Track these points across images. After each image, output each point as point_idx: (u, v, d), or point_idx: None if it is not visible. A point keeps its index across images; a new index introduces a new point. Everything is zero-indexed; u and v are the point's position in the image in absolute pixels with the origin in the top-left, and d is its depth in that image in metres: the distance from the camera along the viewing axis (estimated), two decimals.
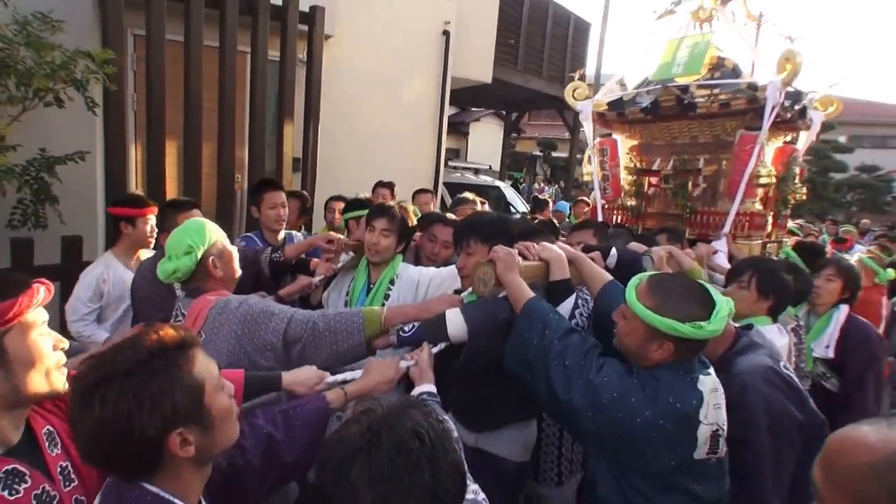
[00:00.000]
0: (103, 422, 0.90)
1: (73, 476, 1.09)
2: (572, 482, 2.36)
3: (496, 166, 14.90)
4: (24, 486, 1.00)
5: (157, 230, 2.76)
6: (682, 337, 1.43)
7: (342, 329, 1.72)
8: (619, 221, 4.61)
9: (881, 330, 3.63)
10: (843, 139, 23.09)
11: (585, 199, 7.28)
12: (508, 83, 9.80)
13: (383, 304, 2.30)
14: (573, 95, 4.88)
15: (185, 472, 1.00)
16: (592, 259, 2.11)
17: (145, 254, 2.81)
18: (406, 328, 1.79)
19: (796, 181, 4.37)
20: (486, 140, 18.11)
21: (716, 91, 4.07)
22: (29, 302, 1.03)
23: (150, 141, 4.12)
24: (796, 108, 4.07)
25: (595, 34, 12.45)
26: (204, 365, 1.03)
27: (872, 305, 3.66)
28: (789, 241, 4.98)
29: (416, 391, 1.58)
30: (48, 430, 1.09)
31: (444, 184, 7.97)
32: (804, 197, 4.54)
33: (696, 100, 4.09)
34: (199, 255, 1.77)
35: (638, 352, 1.53)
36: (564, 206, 5.50)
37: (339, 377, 1.61)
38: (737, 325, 2.06)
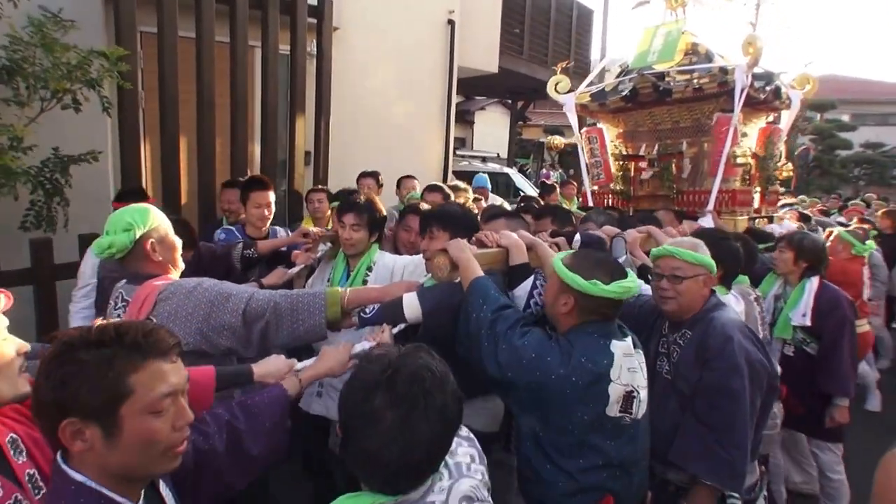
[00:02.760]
0: (40, 383, 0.92)
1: (40, 483, 1.03)
2: None
3: (503, 154, 14.76)
4: None
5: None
6: (582, 292, 1.57)
7: (304, 308, 1.72)
8: (609, 205, 4.71)
9: (866, 297, 3.96)
10: (846, 118, 23.37)
11: (572, 181, 7.72)
12: (513, 72, 9.62)
13: None
14: (556, 89, 4.92)
15: (96, 469, 0.95)
16: (557, 245, 2.23)
17: None
18: (367, 310, 1.86)
19: (783, 159, 4.55)
20: (491, 128, 17.88)
21: (690, 76, 4.18)
22: None
23: (164, 137, 4.07)
24: (768, 88, 4.18)
25: (598, 20, 12.23)
26: (149, 383, 0.96)
27: (852, 275, 3.89)
28: (790, 216, 5.07)
29: None
30: (11, 437, 1.03)
31: (453, 172, 7.89)
32: (791, 174, 4.74)
33: (671, 85, 4.21)
34: (137, 235, 1.71)
35: (551, 309, 1.70)
36: (483, 179, 5.33)
37: (307, 362, 1.64)
38: None
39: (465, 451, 1.22)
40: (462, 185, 4.46)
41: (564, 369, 1.54)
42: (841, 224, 5.92)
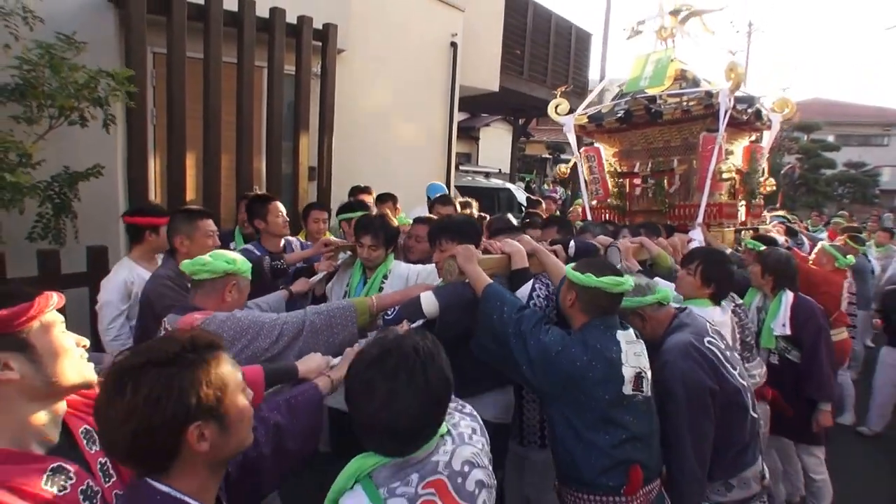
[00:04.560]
0: (133, 408, 0.91)
1: (111, 472, 1.10)
2: None
3: (506, 169, 14.76)
4: (70, 482, 1.01)
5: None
6: (580, 284, 1.78)
7: (338, 322, 1.87)
8: (607, 219, 4.81)
9: (843, 308, 4.00)
10: (831, 138, 23.94)
11: (554, 196, 8.19)
12: (515, 91, 9.66)
13: None
14: (556, 111, 5.04)
15: (200, 472, 0.99)
16: (555, 251, 2.40)
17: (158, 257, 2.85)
18: (389, 312, 1.98)
19: (765, 175, 4.78)
20: (496, 144, 17.89)
21: (679, 99, 4.34)
22: (45, 303, 1.06)
23: (171, 153, 4.04)
24: (750, 110, 4.40)
25: (595, 42, 12.28)
26: (229, 367, 1.05)
27: (833, 286, 3.93)
28: (777, 229, 5.13)
29: None
30: (85, 429, 1.11)
31: (456, 187, 7.90)
32: (774, 188, 4.98)
33: (662, 108, 4.40)
34: (230, 271, 1.85)
35: (563, 304, 1.89)
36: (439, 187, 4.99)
37: (337, 360, 1.73)
38: (677, 305, 2.29)
39: (467, 423, 1.31)
40: (471, 201, 4.59)
41: (587, 356, 1.72)
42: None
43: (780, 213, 7.78)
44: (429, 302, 1.95)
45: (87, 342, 1.16)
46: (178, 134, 4.02)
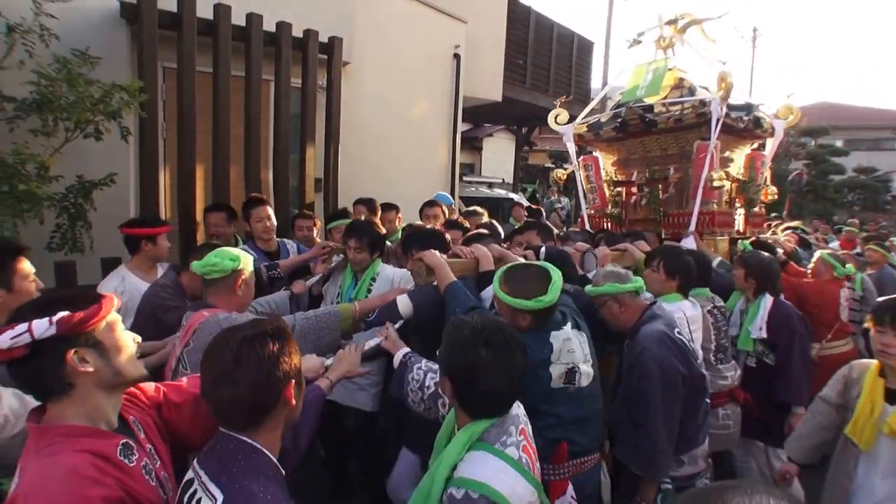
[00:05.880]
0: (266, 359, 1.17)
1: (156, 457, 1.26)
2: None
3: (509, 179, 14.88)
4: (134, 457, 1.17)
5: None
6: (531, 310, 1.90)
7: (325, 326, 2.09)
8: (604, 227, 4.84)
9: (844, 317, 3.91)
10: (839, 143, 23.07)
11: (522, 203, 8.40)
12: (517, 101, 9.80)
13: (367, 296, 2.75)
14: (556, 121, 5.12)
15: (276, 431, 1.22)
16: (525, 257, 2.57)
17: (162, 267, 3.04)
18: (370, 316, 2.27)
19: (766, 183, 4.75)
20: (499, 154, 18.02)
21: (673, 109, 4.40)
22: (110, 305, 1.22)
23: (182, 166, 4.17)
24: (747, 118, 4.40)
25: (597, 51, 12.43)
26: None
27: (831, 296, 3.89)
28: (789, 239, 5.24)
29: (397, 357, 1.94)
30: (133, 418, 1.26)
31: (460, 198, 7.99)
32: (776, 197, 4.93)
33: (657, 117, 4.44)
34: (236, 268, 1.99)
35: (510, 322, 1.93)
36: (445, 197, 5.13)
37: (329, 360, 1.89)
38: (648, 297, 2.52)
39: None
40: (479, 210, 4.71)
41: None
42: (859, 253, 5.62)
43: (796, 223, 7.67)
44: (404, 303, 2.22)
45: (139, 339, 1.31)
46: (189, 146, 4.15)
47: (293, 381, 1.22)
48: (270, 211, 3.50)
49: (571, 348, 1.97)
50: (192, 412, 1.39)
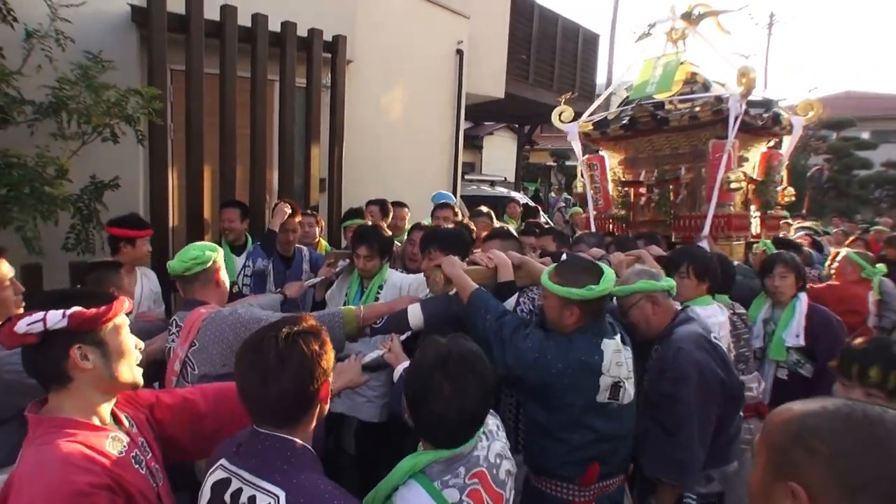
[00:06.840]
0: (310, 357, 1.20)
1: (147, 449, 1.34)
2: None
3: (511, 178, 14.96)
4: (124, 448, 1.25)
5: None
6: (582, 299, 1.84)
7: (326, 327, 2.06)
8: (610, 230, 4.73)
9: (871, 324, 3.67)
10: (865, 135, 21.24)
11: (517, 199, 8.24)
12: (520, 97, 9.90)
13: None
14: (560, 118, 5.04)
15: (311, 427, 1.27)
16: (545, 264, 2.43)
17: (141, 271, 3.09)
18: (377, 322, 2.18)
19: (784, 183, 4.55)
20: (500, 153, 18.15)
21: (687, 105, 4.23)
22: (120, 307, 1.29)
23: (189, 166, 4.39)
24: (766, 115, 4.24)
25: (603, 44, 12.44)
26: None
27: (859, 298, 3.68)
28: (803, 241, 5.04)
29: (397, 370, 1.91)
30: (126, 415, 1.34)
31: (462, 197, 8.08)
32: (793, 198, 4.69)
33: (668, 114, 4.27)
34: (215, 258, 2.06)
35: (557, 320, 1.94)
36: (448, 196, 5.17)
37: None
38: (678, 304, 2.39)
39: (493, 421, 1.55)
40: (485, 209, 4.53)
41: (563, 364, 1.84)
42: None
43: (808, 223, 7.51)
44: (415, 314, 2.12)
45: (143, 345, 1.37)
46: (196, 147, 4.35)
47: (329, 378, 1.27)
48: (297, 223, 3.58)
49: (620, 361, 1.90)
50: (181, 415, 1.47)
